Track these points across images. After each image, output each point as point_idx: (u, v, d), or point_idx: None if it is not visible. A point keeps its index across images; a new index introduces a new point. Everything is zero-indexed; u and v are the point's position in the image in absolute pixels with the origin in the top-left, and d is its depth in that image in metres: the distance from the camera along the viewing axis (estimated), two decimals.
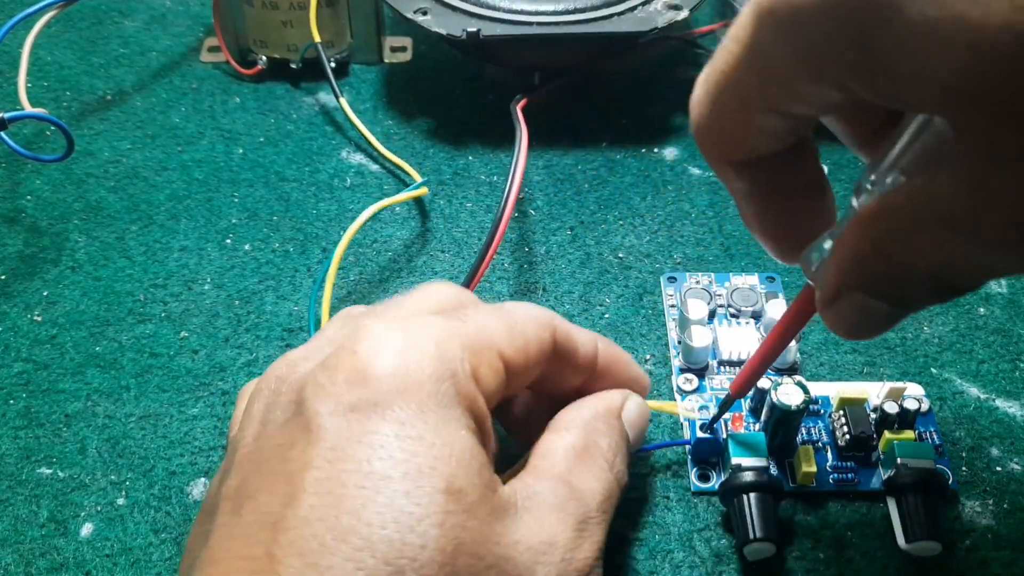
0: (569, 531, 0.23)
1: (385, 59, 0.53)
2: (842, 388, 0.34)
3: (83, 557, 0.31)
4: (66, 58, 0.54)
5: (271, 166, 0.46)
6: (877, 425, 0.33)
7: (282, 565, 0.20)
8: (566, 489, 0.24)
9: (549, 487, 0.24)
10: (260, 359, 0.37)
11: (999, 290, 0.40)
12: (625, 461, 0.27)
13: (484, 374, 0.24)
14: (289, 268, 0.41)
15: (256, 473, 0.23)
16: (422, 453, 0.21)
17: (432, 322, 0.24)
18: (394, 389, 0.22)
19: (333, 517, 0.21)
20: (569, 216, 0.44)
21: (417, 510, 0.21)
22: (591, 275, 0.41)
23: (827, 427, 0.34)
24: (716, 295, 0.38)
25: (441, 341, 0.23)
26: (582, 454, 0.26)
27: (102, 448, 0.34)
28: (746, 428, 0.33)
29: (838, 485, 0.32)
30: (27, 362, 0.37)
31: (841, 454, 0.33)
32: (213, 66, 0.53)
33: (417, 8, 0.45)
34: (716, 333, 0.36)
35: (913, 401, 0.32)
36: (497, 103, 0.45)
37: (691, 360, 0.36)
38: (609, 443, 0.27)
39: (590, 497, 0.25)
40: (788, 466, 0.32)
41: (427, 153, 0.47)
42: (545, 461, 0.25)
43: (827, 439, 0.33)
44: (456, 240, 0.43)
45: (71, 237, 0.43)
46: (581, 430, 0.26)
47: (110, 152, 0.47)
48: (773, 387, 0.31)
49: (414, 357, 0.23)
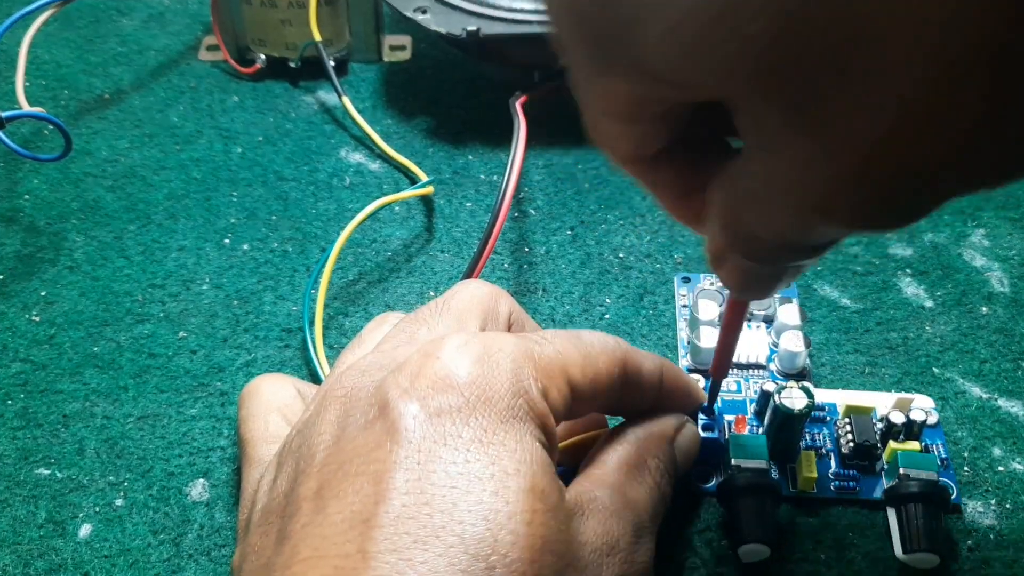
0: (628, 535, 0.25)
1: (384, 58, 0.53)
2: (849, 396, 0.34)
3: (81, 558, 0.31)
4: (64, 57, 0.53)
5: (270, 165, 0.46)
6: (883, 435, 0.32)
7: (376, 561, 0.21)
8: (621, 497, 0.26)
9: (607, 493, 0.25)
10: (259, 359, 0.37)
11: (1001, 289, 0.39)
12: (671, 483, 0.28)
13: (553, 396, 0.25)
14: (288, 268, 0.41)
15: (340, 474, 0.23)
16: (506, 457, 0.22)
17: (508, 340, 0.25)
18: (476, 397, 0.23)
19: (425, 515, 0.21)
20: (569, 216, 0.44)
21: (506, 508, 0.21)
22: (591, 275, 0.41)
23: (832, 434, 0.33)
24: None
25: (516, 359, 0.24)
26: (633, 469, 0.27)
27: (100, 449, 0.34)
28: (750, 430, 0.33)
29: (839, 492, 0.32)
30: (25, 362, 0.37)
31: (844, 462, 0.32)
32: (211, 65, 0.53)
33: (416, 7, 0.45)
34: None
35: (920, 412, 0.32)
36: (497, 102, 0.45)
37: (699, 360, 0.35)
38: (659, 464, 0.28)
39: (642, 508, 0.26)
40: (789, 471, 0.32)
41: (427, 152, 0.47)
42: (600, 470, 0.27)
43: (831, 446, 0.33)
44: (456, 240, 0.42)
45: (69, 237, 0.42)
46: (635, 446, 0.28)
47: (108, 151, 0.47)
48: (777, 391, 0.31)
49: (493, 370, 0.24)
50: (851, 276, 0.40)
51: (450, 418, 0.23)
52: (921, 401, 0.33)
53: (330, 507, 0.22)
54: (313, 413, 0.25)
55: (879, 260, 0.41)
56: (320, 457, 0.24)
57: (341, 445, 0.23)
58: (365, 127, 0.46)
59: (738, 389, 0.35)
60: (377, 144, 0.46)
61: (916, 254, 0.41)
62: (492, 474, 0.22)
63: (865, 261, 0.41)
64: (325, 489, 0.23)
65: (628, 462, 0.27)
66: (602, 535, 0.24)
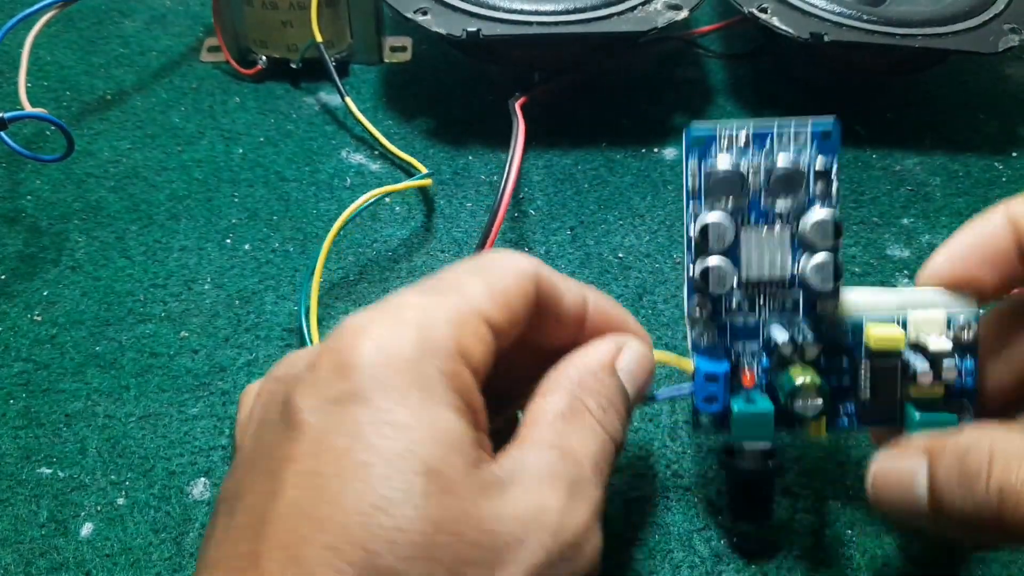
0: (561, 497, 0.23)
1: (385, 59, 0.53)
2: (878, 309, 0.28)
3: (83, 557, 0.31)
4: (66, 58, 0.54)
5: (271, 166, 0.46)
6: (906, 378, 0.28)
7: (265, 559, 0.20)
8: (555, 454, 0.24)
9: (536, 455, 0.24)
10: (260, 359, 0.37)
11: None
12: (622, 417, 0.26)
13: (470, 345, 0.23)
14: (289, 268, 0.41)
15: (249, 473, 0.23)
16: (401, 438, 0.21)
17: (410, 303, 0.24)
18: (374, 378, 0.22)
19: (312, 508, 0.21)
20: (569, 216, 0.44)
21: (395, 494, 0.21)
22: (591, 275, 0.41)
23: (848, 370, 0.28)
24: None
25: (421, 323, 0.23)
26: (569, 417, 0.25)
27: (102, 448, 0.34)
28: (759, 386, 0.29)
29: (850, 425, 0.29)
30: (27, 362, 0.37)
31: (860, 408, 0.29)
32: (213, 66, 0.53)
33: (417, 8, 0.45)
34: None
35: (945, 340, 0.27)
36: (497, 103, 0.45)
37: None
38: (598, 402, 0.25)
39: (583, 458, 0.24)
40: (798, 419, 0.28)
41: (427, 153, 0.47)
42: (532, 429, 0.25)
43: (847, 381, 0.28)
44: (456, 240, 0.43)
45: (71, 237, 0.43)
46: (567, 391, 0.25)
47: (110, 152, 0.47)
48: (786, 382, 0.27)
49: (394, 344, 0.23)
50: (849, 277, 0.40)
51: (348, 405, 0.22)
52: (959, 301, 0.28)
53: (236, 507, 0.22)
54: (245, 417, 0.25)
55: (877, 262, 0.41)
56: (238, 457, 0.24)
57: (254, 443, 0.24)
58: (367, 124, 0.47)
59: (751, 309, 0.29)
60: (379, 141, 0.46)
61: (913, 256, 0.41)
62: (385, 459, 0.21)
63: (863, 262, 0.41)
64: (237, 489, 0.23)
65: (560, 411, 0.25)
66: (526, 504, 0.22)
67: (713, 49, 0.55)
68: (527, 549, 0.22)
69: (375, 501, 0.21)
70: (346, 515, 0.20)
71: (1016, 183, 0.46)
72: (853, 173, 0.46)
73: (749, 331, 0.29)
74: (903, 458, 0.25)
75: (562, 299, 0.26)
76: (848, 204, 0.45)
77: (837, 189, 0.28)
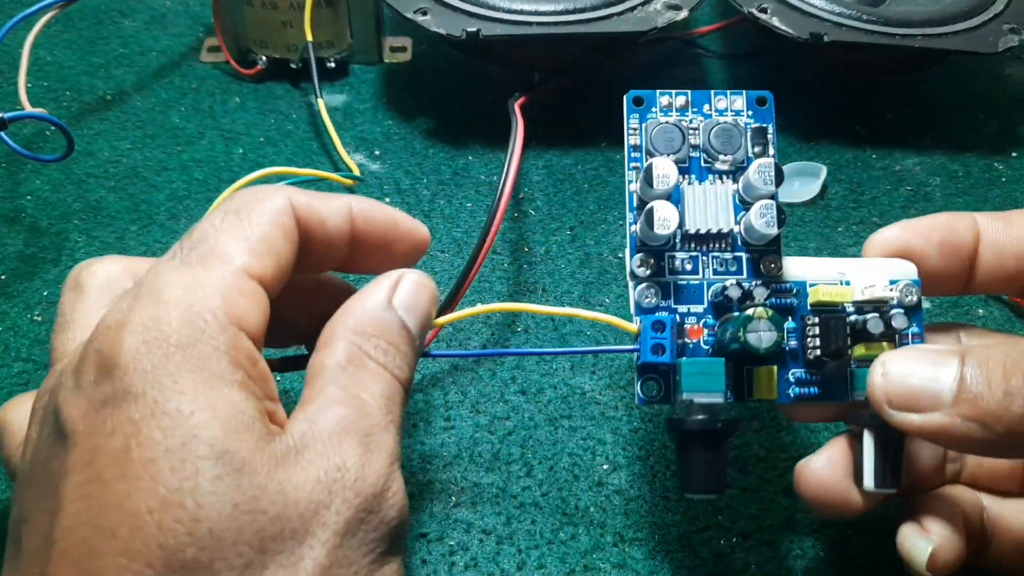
0: (355, 451, 0.22)
1: (385, 59, 0.53)
2: (821, 275, 0.28)
3: None
4: (66, 58, 0.54)
5: (271, 166, 0.46)
6: (854, 333, 0.27)
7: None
8: (341, 410, 0.23)
9: (325, 414, 0.23)
10: None
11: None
12: (405, 355, 0.25)
13: (242, 309, 0.22)
14: None
15: (28, 496, 0.22)
16: (181, 427, 0.20)
17: (169, 281, 0.22)
18: (141, 371, 0.21)
19: (97, 518, 0.20)
20: (569, 216, 0.44)
21: (185, 484, 0.20)
22: (591, 275, 0.41)
23: (798, 329, 0.28)
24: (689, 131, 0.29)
25: (184, 301, 0.22)
26: (350, 367, 0.24)
27: None
28: (706, 339, 0.28)
29: (798, 400, 0.28)
30: (27, 362, 0.37)
31: (808, 368, 0.28)
32: (213, 66, 0.53)
33: (417, 8, 0.45)
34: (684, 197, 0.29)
35: (893, 291, 0.27)
36: (497, 103, 0.45)
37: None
38: (377, 344, 0.24)
39: (371, 406, 0.23)
40: (746, 373, 0.28)
41: (427, 153, 0.47)
42: (316, 387, 0.24)
43: (795, 343, 0.28)
44: (456, 240, 0.43)
45: (71, 237, 0.43)
46: (345, 341, 0.24)
47: (110, 152, 0.47)
48: (741, 322, 0.26)
49: (159, 331, 0.21)
50: None
51: (119, 405, 0.21)
52: (901, 268, 0.28)
53: (22, 537, 0.21)
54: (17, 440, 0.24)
55: None
56: (17, 485, 0.23)
57: (30, 470, 0.22)
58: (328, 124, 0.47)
59: (694, 268, 0.28)
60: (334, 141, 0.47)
61: None
62: (168, 450, 0.20)
63: None
64: (19, 517, 0.22)
65: (340, 364, 0.24)
66: (322, 465, 0.22)
67: (713, 49, 0.55)
68: (332, 511, 0.21)
69: (165, 496, 0.20)
70: (136, 517, 0.20)
71: (1016, 183, 0.46)
72: (853, 173, 0.46)
73: (693, 292, 0.28)
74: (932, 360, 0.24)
75: (326, 221, 0.25)
76: (848, 204, 0.45)
77: (775, 147, 0.29)
